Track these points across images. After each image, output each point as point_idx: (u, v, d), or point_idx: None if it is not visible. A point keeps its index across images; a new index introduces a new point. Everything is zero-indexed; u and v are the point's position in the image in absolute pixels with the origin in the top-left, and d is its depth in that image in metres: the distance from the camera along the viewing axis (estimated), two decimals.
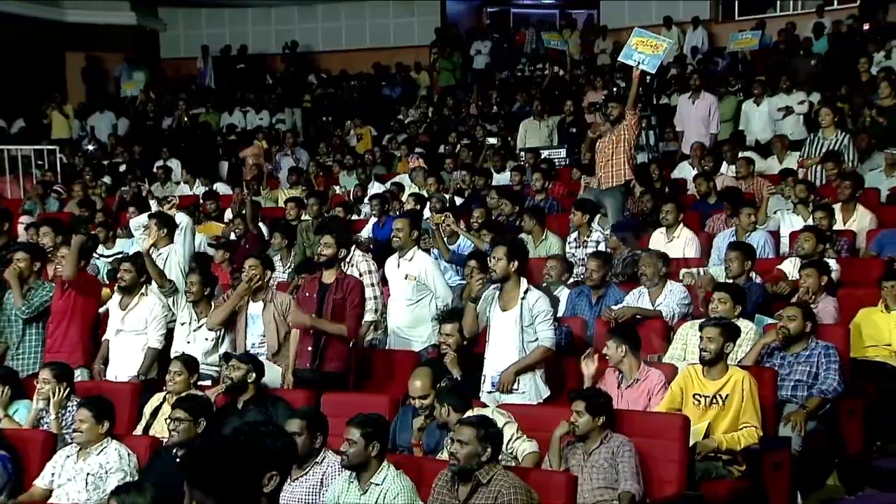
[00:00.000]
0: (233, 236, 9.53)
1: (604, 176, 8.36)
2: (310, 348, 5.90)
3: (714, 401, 5.00)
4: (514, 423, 4.84)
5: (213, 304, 6.50)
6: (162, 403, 5.67)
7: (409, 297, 6.56)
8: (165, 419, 5.22)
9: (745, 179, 9.29)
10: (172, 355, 6.20)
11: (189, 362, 5.76)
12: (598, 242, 7.78)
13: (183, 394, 5.48)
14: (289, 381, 5.95)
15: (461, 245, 8.16)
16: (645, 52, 8.38)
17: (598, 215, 8.35)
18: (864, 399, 5.64)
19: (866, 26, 14.20)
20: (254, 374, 5.53)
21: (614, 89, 12.82)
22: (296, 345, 6.00)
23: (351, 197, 10.86)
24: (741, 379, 5.00)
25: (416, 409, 5.15)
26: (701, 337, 5.10)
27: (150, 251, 6.88)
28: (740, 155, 9.99)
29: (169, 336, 6.58)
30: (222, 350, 6.30)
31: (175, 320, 6.60)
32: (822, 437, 5.33)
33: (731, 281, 6.27)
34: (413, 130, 14.53)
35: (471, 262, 6.96)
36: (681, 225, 7.88)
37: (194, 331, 6.44)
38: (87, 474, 4.95)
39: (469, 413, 4.74)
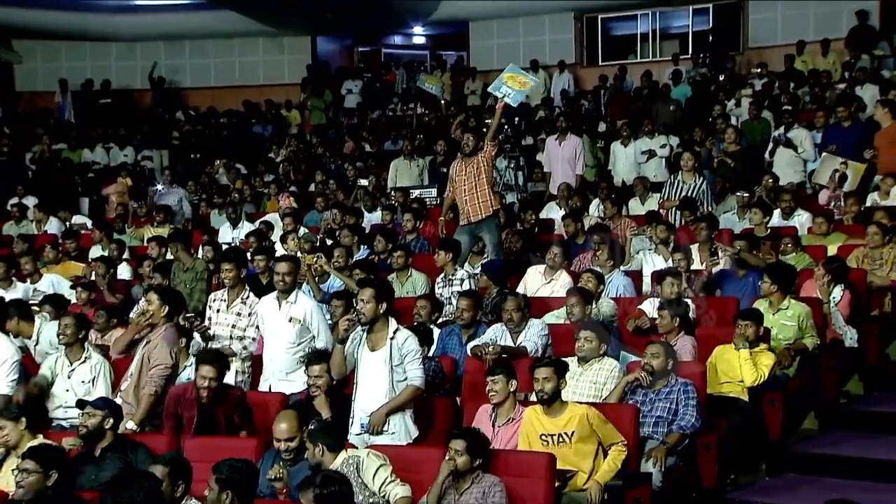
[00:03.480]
0: (93, 276, 9.22)
1: (471, 209, 8.41)
2: None
3: (561, 439, 5.13)
4: (388, 466, 4.84)
5: (85, 346, 6.44)
6: (6, 454, 5.40)
7: (292, 340, 6.49)
8: (12, 470, 4.97)
9: (612, 219, 9.61)
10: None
11: (16, 412, 5.47)
12: (462, 281, 7.86)
13: (34, 444, 5.23)
14: (129, 427, 5.76)
15: (331, 284, 8.16)
16: (513, 87, 8.59)
17: (471, 253, 8.48)
18: (718, 434, 5.86)
19: (721, 77, 15.01)
20: (111, 420, 5.35)
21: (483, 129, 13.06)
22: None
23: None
24: (583, 414, 5.14)
25: (278, 453, 5.06)
26: (536, 378, 5.22)
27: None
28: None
29: None
30: (96, 394, 6.10)
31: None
32: (680, 472, 5.52)
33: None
34: (283, 169, 14.44)
35: (335, 301, 6.96)
36: (562, 270, 8.01)
37: (68, 377, 6.32)
38: None
39: (342, 454, 4.78)
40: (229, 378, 6.01)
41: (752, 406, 6.19)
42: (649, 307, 7.07)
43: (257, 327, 6.69)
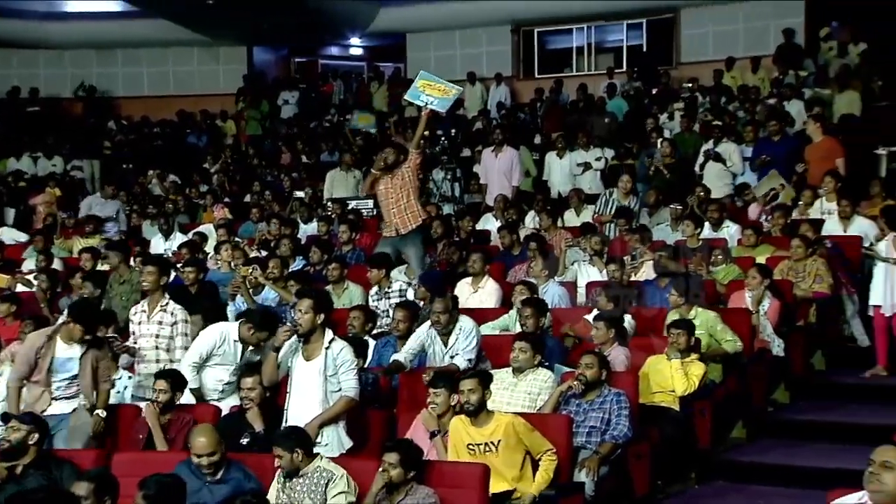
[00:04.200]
0: (20, 287, 9.03)
1: (400, 222, 8.35)
2: None
3: (487, 448, 5.16)
4: (352, 495, 4.84)
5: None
6: None
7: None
8: None
9: (547, 231, 9.71)
10: None
11: None
12: (400, 291, 7.87)
13: None
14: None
15: (265, 296, 8.10)
16: (433, 94, 8.46)
17: (406, 266, 8.49)
18: (649, 443, 5.96)
19: (654, 90, 15.28)
20: (36, 436, 5.23)
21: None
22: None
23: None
24: (509, 422, 5.18)
25: (195, 469, 4.98)
26: (461, 391, 5.24)
27: None
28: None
29: None
30: None
31: None
32: (613, 482, 5.59)
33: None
34: (218, 179, 14.31)
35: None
36: (487, 276, 8.11)
37: None
38: None
39: (317, 461, 4.85)
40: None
41: (683, 415, 6.30)
42: (588, 318, 7.16)
43: (186, 335, 6.60)
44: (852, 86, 12.84)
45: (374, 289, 8.06)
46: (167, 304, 6.71)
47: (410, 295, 7.75)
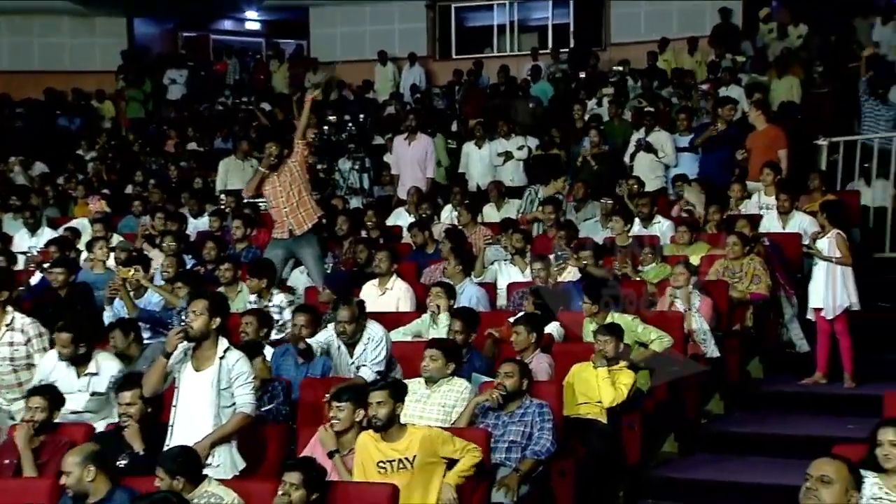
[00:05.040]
0: None
1: (294, 222, 8.29)
2: None
3: (401, 465, 5.16)
4: None
5: None
6: None
7: None
8: None
9: (466, 227, 9.77)
10: None
11: None
12: (281, 310, 7.72)
13: None
14: None
15: (148, 300, 7.98)
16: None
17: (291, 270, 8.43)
18: (574, 459, 6.04)
19: (582, 74, 15.49)
20: None
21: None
22: None
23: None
24: (424, 436, 5.20)
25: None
26: (369, 404, 5.24)
27: None
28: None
29: None
30: None
31: None
32: (534, 501, 5.66)
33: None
34: (94, 168, 14.02)
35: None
36: (394, 276, 8.13)
37: None
38: None
39: (204, 485, 4.79)
40: None
41: (611, 428, 6.39)
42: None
43: (45, 349, 6.43)
44: (792, 71, 13.22)
45: (253, 297, 7.96)
46: (12, 320, 6.49)
47: (287, 316, 7.62)
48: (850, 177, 10.68)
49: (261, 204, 11.53)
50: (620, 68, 15.25)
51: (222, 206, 11.22)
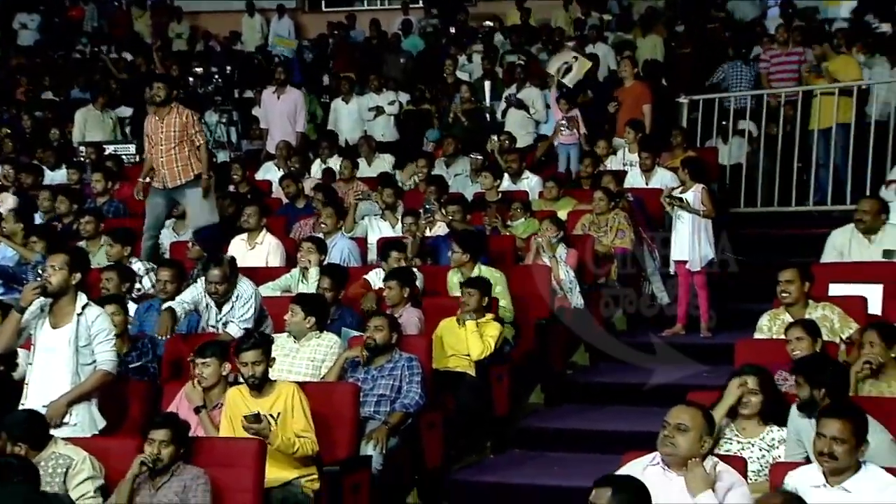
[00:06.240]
0: None
1: (168, 175, 8.05)
2: None
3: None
4: (98, 480, 4.73)
5: None
6: None
7: None
8: None
9: (348, 182, 9.69)
10: None
11: None
12: (139, 276, 7.50)
13: None
14: None
15: (2, 255, 7.71)
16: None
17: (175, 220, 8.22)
18: (443, 411, 6.11)
19: (452, 29, 15.45)
20: None
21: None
22: None
23: None
24: (292, 392, 5.18)
25: None
26: (243, 363, 5.18)
27: None
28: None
29: None
30: None
31: None
32: (403, 454, 5.71)
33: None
34: None
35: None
36: (264, 231, 8.05)
37: None
38: None
39: (51, 447, 4.70)
40: None
41: (480, 381, 6.49)
42: (375, 277, 7.23)
43: None
44: (656, 30, 13.50)
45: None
46: None
47: (147, 284, 7.47)
48: (709, 135, 10.99)
49: (124, 156, 11.28)
50: (490, 24, 15.25)
51: (82, 159, 10.85)
